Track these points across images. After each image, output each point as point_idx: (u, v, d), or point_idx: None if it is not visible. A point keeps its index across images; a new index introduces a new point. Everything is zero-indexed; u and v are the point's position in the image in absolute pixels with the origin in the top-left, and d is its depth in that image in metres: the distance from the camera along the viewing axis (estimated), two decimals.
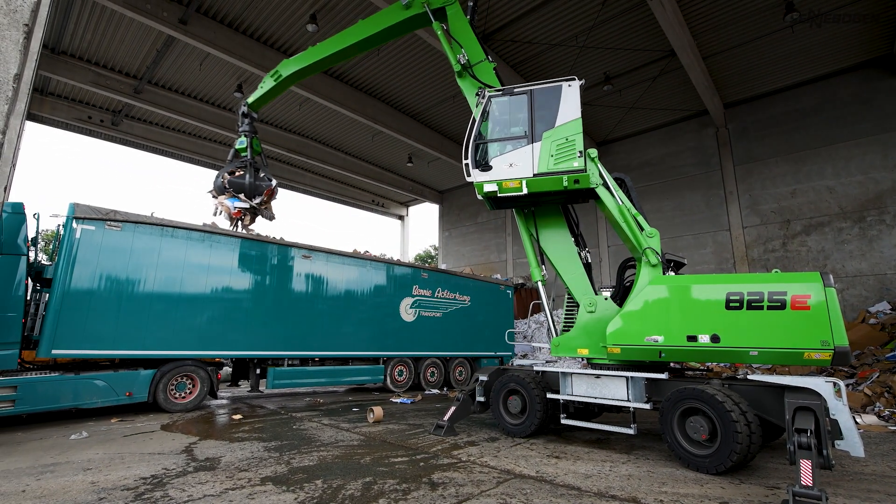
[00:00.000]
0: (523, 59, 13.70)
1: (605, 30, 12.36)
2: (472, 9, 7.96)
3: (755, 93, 15.40)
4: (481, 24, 12.06)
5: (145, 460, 5.11)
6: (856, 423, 4.35)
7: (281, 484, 4.27)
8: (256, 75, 13.55)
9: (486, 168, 6.41)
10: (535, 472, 4.74)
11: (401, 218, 30.35)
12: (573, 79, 6.31)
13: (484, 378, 7.04)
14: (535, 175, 6.13)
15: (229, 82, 15.36)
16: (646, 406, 5.49)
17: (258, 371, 9.93)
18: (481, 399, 7.03)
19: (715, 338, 5.16)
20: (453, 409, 6.90)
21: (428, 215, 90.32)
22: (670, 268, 6.12)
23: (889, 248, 12.92)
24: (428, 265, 20.34)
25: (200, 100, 16.69)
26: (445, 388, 13.04)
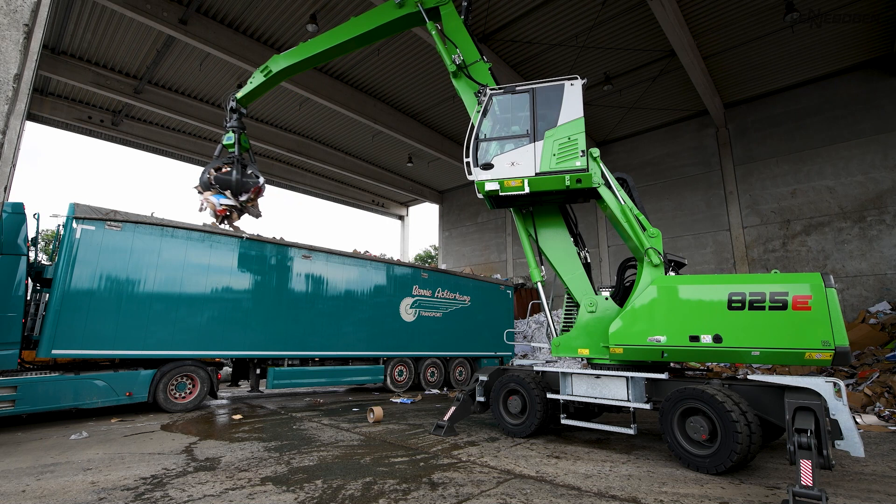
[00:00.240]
0: (523, 59, 13.70)
1: (605, 30, 12.35)
2: (467, 9, 7.86)
3: (755, 93, 15.39)
4: (481, 24, 12.06)
5: (145, 460, 5.11)
6: (856, 423, 4.35)
7: (281, 484, 4.27)
8: None
9: (487, 167, 6.40)
10: (535, 472, 4.73)
11: (401, 218, 30.34)
12: (575, 78, 6.30)
13: (484, 378, 7.04)
14: (537, 174, 6.11)
15: (229, 82, 15.35)
16: (646, 406, 5.49)
17: (258, 371, 9.94)
18: (481, 399, 7.02)
19: (717, 338, 5.16)
20: (453, 409, 6.90)
21: (428, 215, 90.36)
22: (671, 268, 6.12)
23: (889, 248, 12.92)
24: (428, 265, 20.32)
25: (200, 100, 16.69)
26: (445, 388, 13.04)
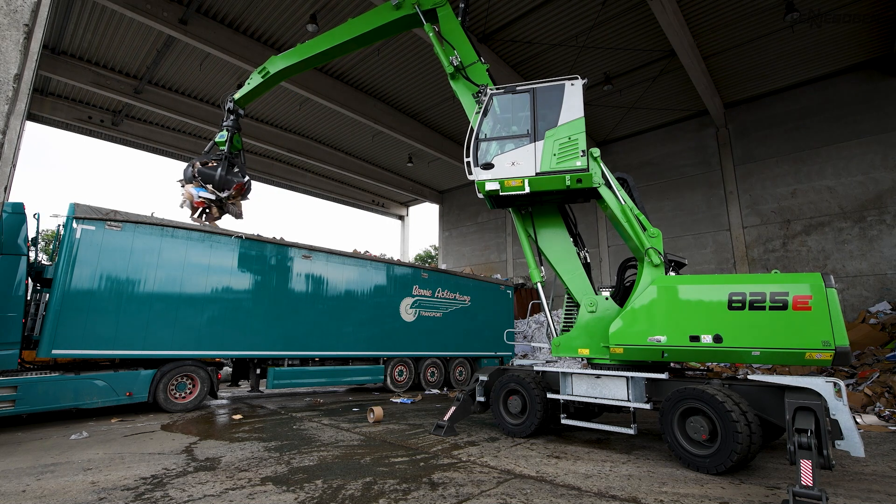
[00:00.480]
0: (523, 59, 13.69)
1: (605, 30, 12.35)
2: (464, 10, 7.86)
3: (755, 93, 15.39)
4: (481, 24, 12.06)
5: (145, 460, 5.11)
6: (856, 423, 4.35)
7: (281, 484, 4.27)
8: None
9: (487, 166, 6.39)
10: (536, 472, 4.73)
11: (401, 218, 30.33)
12: (576, 78, 6.30)
13: (484, 378, 7.04)
14: (537, 174, 6.11)
15: (230, 82, 15.35)
16: (646, 406, 5.49)
17: (258, 371, 9.95)
18: (481, 399, 7.02)
19: (717, 338, 5.16)
20: (453, 409, 6.90)
21: (428, 215, 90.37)
22: (671, 268, 6.12)
23: (889, 248, 12.92)
24: (428, 265, 20.32)
25: (200, 100, 16.68)
26: (445, 388, 13.04)
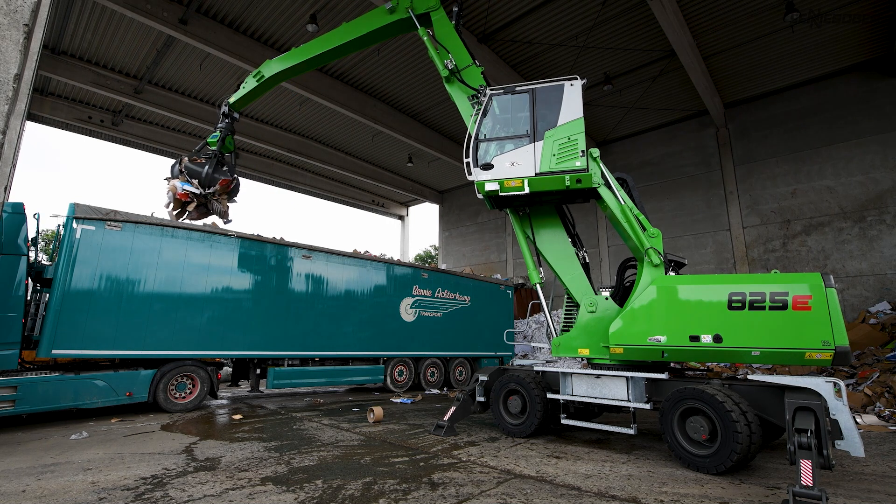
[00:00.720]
0: (523, 60, 13.69)
1: (605, 30, 12.35)
2: (458, 14, 7.87)
3: (755, 93, 15.38)
4: (481, 24, 12.06)
5: (145, 460, 5.11)
6: (856, 423, 4.35)
7: (281, 484, 4.27)
8: None
9: (487, 167, 6.40)
10: (536, 472, 4.73)
11: (401, 218, 30.33)
12: (575, 78, 6.31)
13: (484, 378, 7.04)
14: (537, 174, 6.12)
15: (229, 82, 15.33)
16: (646, 406, 5.49)
17: (258, 371, 9.95)
18: (481, 399, 7.03)
19: (717, 338, 5.16)
20: (453, 409, 6.91)
21: (428, 215, 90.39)
22: (671, 268, 6.12)
23: (889, 248, 12.92)
24: (428, 265, 20.32)
25: (200, 100, 16.67)
26: (445, 388, 13.04)
